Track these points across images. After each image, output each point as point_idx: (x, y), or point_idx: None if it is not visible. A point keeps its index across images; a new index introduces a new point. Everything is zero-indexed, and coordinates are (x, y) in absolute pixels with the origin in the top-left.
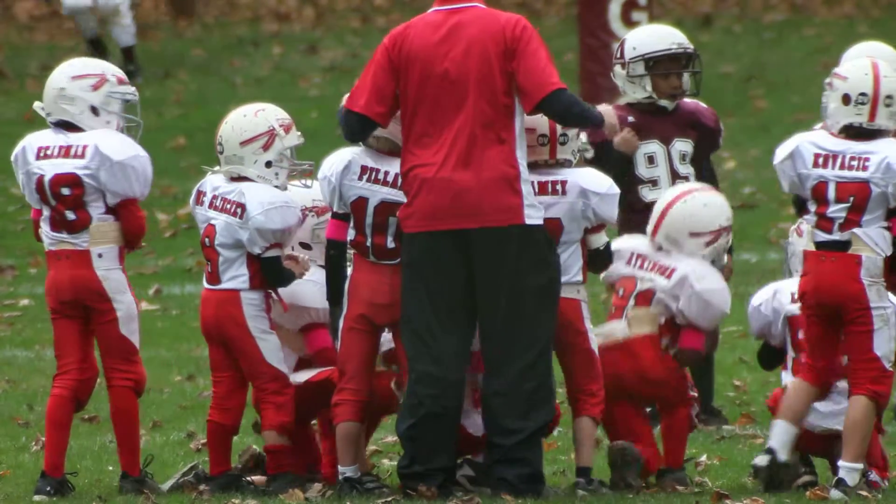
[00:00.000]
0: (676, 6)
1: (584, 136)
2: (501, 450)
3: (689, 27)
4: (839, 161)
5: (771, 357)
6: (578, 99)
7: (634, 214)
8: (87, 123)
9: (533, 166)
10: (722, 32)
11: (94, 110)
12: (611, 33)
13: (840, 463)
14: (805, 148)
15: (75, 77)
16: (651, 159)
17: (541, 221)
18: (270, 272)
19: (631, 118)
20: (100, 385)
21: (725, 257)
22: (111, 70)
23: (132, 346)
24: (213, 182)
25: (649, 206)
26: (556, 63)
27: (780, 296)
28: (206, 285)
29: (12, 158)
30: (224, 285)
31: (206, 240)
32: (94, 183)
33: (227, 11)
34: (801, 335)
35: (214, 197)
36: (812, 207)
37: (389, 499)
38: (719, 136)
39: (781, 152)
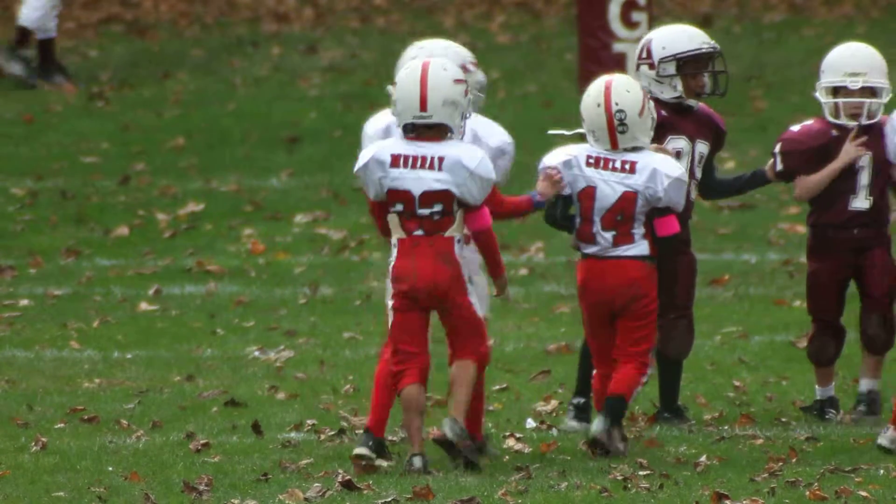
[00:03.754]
0: (676, 6)
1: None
2: None
3: None
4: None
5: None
6: None
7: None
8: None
9: None
10: (721, 33)
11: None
12: (610, 34)
13: None
14: None
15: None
16: (678, 155)
17: None
18: None
19: (663, 112)
20: (98, 386)
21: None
22: (468, 58)
23: (482, 323)
24: None
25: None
26: (556, 63)
27: None
28: None
29: (371, 132)
30: None
31: None
32: None
33: (226, 11)
34: None
35: None
36: None
37: (389, 499)
38: (725, 139)
39: None
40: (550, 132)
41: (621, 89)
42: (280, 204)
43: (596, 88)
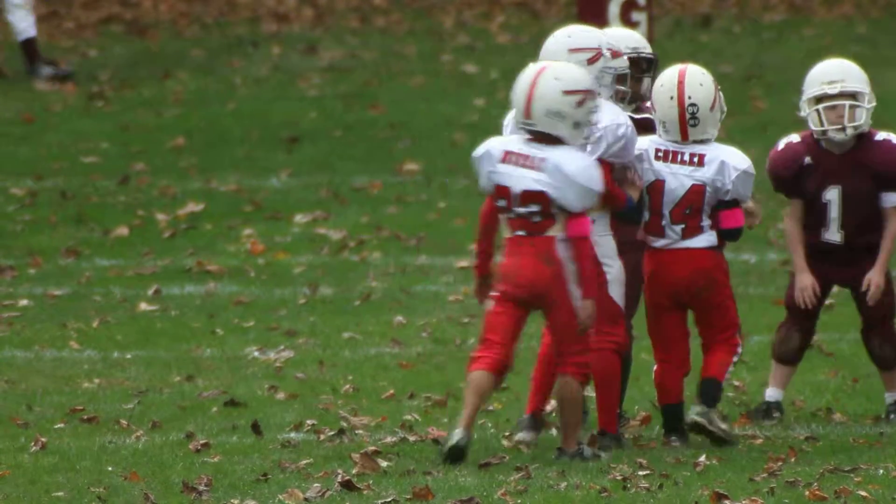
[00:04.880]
0: (676, 6)
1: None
2: None
3: (688, 27)
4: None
5: None
6: None
7: None
8: None
9: None
10: (721, 32)
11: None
12: None
13: None
14: None
15: (573, 50)
16: None
17: None
18: None
19: None
20: (98, 386)
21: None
22: (606, 43)
23: (618, 308)
24: None
25: None
26: None
27: None
28: None
29: (507, 121)
30: None
31: None
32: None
33: (226, 11)
34: None
35: None
36: None
37: (389, 499)
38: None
39: None
40: None
41: (695, 82)
42: (280, 204)
43: (669, 80)
